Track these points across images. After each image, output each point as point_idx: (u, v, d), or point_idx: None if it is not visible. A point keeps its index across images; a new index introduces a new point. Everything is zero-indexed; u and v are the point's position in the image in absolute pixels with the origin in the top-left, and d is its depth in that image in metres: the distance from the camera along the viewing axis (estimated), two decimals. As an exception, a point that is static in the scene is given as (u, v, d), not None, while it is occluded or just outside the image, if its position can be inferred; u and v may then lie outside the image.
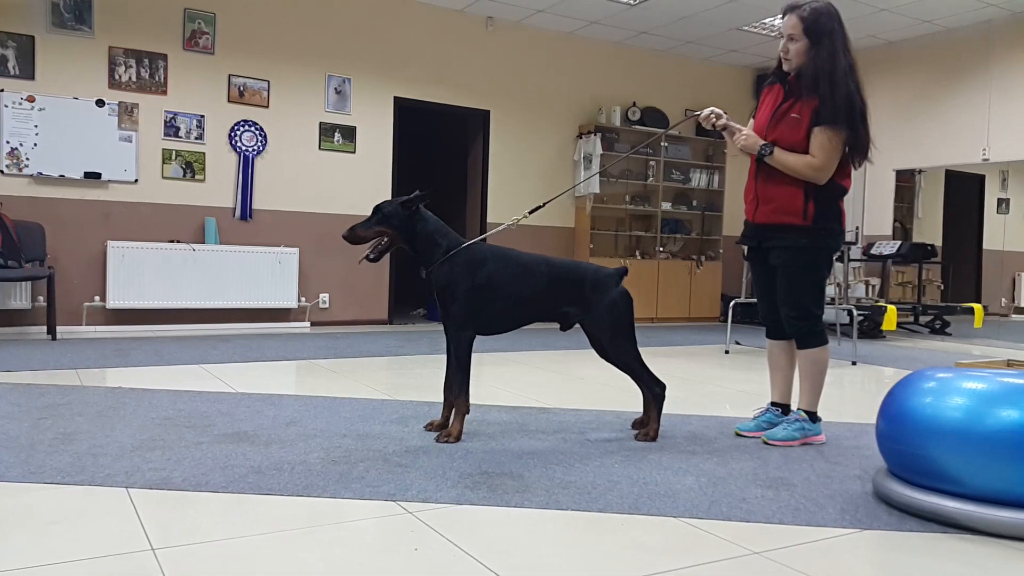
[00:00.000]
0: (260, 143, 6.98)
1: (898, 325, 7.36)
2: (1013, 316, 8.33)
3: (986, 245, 8.65)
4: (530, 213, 3.36)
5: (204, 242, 6.70)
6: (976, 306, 7.44)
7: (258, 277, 6.84)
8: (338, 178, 7.36)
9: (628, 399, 3.84)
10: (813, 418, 3.09)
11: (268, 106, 7.03)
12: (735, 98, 9.41)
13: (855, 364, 5.60)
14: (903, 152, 8.34)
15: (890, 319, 6.80)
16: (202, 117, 6.75)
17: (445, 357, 3.09)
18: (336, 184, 7.35)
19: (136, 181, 6.51)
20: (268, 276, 6.88)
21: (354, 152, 7.43)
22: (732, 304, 6.32)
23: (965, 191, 8.63)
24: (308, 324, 7.21)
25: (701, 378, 4.77)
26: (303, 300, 7.20)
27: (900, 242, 8.21)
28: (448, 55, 7.86)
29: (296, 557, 1.83)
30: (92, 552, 1.83)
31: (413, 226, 2.99)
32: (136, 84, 6.50)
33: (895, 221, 8.65)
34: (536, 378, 4.56)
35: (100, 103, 6.36)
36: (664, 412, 3.17)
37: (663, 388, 3.12)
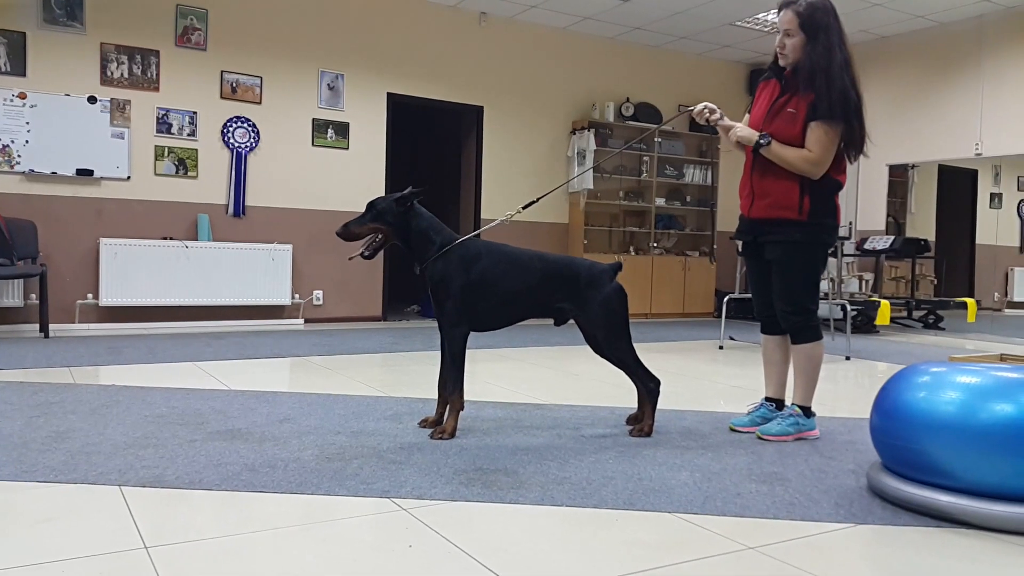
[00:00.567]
0: (253, 139, 6.96)
1: (892, 320, 7.38)
2: (1006, 310, 8.36)
3: (979, 240, 8.67)
4: (524, 209, 3.36)
5: (197, 239, 6.68)
6: (969, 301, 7.48)
7: (251, 274, 6.82)
8: (331, 174, 7.34)
9: (623, 395, 3.84)
10: (807, 413, 3.09)
11: (261, 102, 7.00)
12: (729, 93, 9.42)
13: (849, 359, 5.61)
14: (896, 147, 8.36)
15: (883, 314, 6.83)
16: (194, 113, 6.73)
17: (439, 353, 3.09)
18: (329, 180, 7.33)
19: (128, 178, 6.48)
20: (261, 273, 6.86)
21: (347, 148, 7.41)
22: (726, 299, 6.33)
23: (958, 186, 8.66)
24: (302, 321, 7.19)
25: (695, 374, 4.78)
26: (297, 297, 7.18)
27: (893, 237, 8.23)
28: (441, 51, 7.84)
29: (290, 555, 1.82)
30: (85, 551, 1.82)
31: (407, 222, 2.98)
32: (128, 80, 6.47)
33: (888, 216, 8.67)
34: (530, 374, 4.56)
35: (92, 100, 6.32)
36: (659, 408, 3.17)
37: (658, 384, 3.12)
